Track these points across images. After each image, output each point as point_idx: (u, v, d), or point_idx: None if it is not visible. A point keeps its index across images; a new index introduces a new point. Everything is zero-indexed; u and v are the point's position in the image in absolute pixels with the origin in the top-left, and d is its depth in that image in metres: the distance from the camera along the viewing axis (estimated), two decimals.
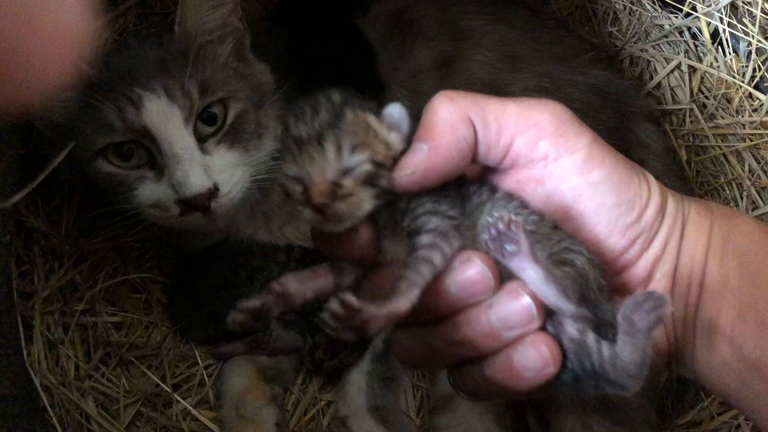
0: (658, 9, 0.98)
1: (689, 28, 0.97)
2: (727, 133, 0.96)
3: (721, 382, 0.49)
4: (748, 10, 0.89)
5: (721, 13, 0.91)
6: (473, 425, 0.84)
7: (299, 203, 0.45)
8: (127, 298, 0.92)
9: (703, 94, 0.98)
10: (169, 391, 0.87)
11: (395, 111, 0.48)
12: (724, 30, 0.92)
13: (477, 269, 0.46)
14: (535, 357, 0.46)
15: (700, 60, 0.98)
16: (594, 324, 0.46)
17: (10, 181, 0.69)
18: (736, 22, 0.91)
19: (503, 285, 0.47)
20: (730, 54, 0.93)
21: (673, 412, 0.85)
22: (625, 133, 0.90)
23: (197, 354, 0.92)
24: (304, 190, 0.45)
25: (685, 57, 0.99)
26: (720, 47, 0.94)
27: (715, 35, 0.94)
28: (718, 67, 0.95)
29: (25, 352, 0.76)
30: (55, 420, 0.76)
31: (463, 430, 0.84)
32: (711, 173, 0.98)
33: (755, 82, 0.92)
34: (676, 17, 0.97)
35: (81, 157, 0.73)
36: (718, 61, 0.95)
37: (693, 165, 0.99)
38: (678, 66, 1.00)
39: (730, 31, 0.92)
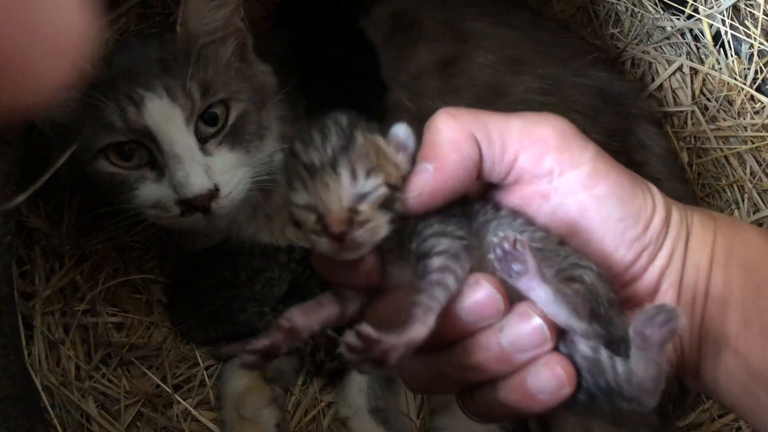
0: (660, 11, 0.98)
1: (691, 30, 0.97)
2: (729, 135, 0.96)
3: (726, 392, 0.49)
4: (751, 12, 0.89)
5: (723, 15, 0.91)
6: (473, 427, 0.84)
7: (314, 233, 0.43)
8: (127, 298, 0.92)
9: (704, 96, 0.98)
10: (170, 391, 0.87)
11: (401, 131, 0.47)
12: (726, 32, 0.92)
13: (486, 292, 0.45)
14: (549, 379, 0.44)
15: (702, 62, 0.97)
16: (606, 340, 0.45)
17: (11, 181, 0.69)
18: (738, 24, 0.91)
19: (513, 306, 0.46)
20: (732, 56, 0.93)
21: (674, 415, 0.85)
22: (627, 135, 0.90)
23: (198, 355, 0.92)
24: (318, 218, 0.43)
25: (686, 59, 0.98)
26: (722, 49, 0.94)
27: (717, 37, 0.94)
28: (720, 69, 0.95)
29: (25, 353, 0.76)
30: (55, 420, 0.76)
31: (463, 431, 0.84)
32: (712, 175, 0.98)
33: (757, 84, 0.92)
34: (678, 19, 0.97)
35: (82, 156, 0.73)
36: (720, 63, 0.95)
37: (694, 167, 0.99)
38: (680, 68, 0.99)
39: (732, 33, 0.92)
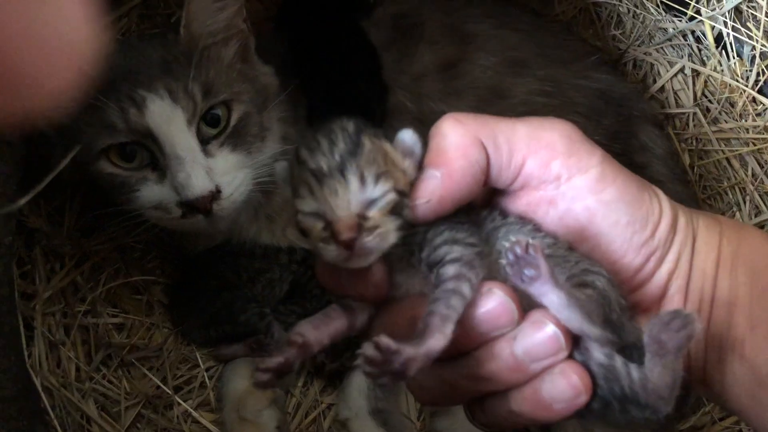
0: (662, 12, 0.98)
1: (693, 32, 0.97)
2: (731, 137, 0.96)
3: (731, 397, 0.49)
4: (753, 14, 0.89)
5: (726, 17, 0.91)
6: (473, 429, 0.84)
7: (321, 241, 0.43)
8: (128, 299, 0.92)
9: (706, 98, 0.98)
10: (170, 393, 0.87)
11: (408, 137, 0.46)
12: (728, 34, 0.92)
13: (499, 301, 0.44)
14: (565, 387, 0.44)
15: (704, 64, 0.97)
16: (618, 346, 0.44)
17: (12, 182, 0.68)
18: (740, 26, 0.91)
19: (526, 315, 0.45)
20: (734, 58, 0.93)
21: (676, 417, 0.84)
22: (628, 136, 0.90)
23: (198, 356, 0.92)
24: (326, 226, 0.42)
25: (688, 61, 0.98)
26: (724, 51, 0.94)
27: (719, 39, 0.94)
28: (722, 71, 0.95)
29: (26, 353, 0.76)
30: (55, 421, 0.76)
31: None
32: (714, 177, 0.98)
33: (759, 86, 0.92)
34: (680, 21, 0.96)
35: (83, 157, 0.72)
36: (721, 65, 0.95)
37: (696, 169, 0.99)
38: (681, 70, 0.99)
39: (734, 35, 0.91)
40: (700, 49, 0.97)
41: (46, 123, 0.71)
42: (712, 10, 0.92)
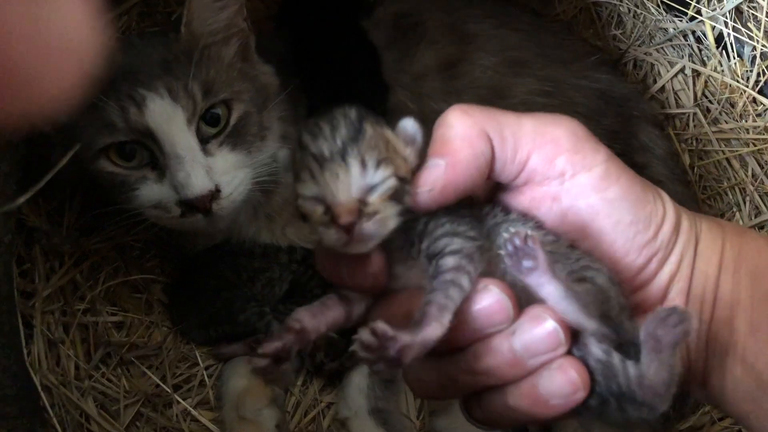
0: (663, 12, 0.98)
1: (693, 32, 0.97)
2: (731, 137, 0.96)
3: (732, 401, 0.49)
4: (753, 14, 0.89)
5: (726, 17, 0.91)
6: (473, 428, 0.84)
7: (321, 224, 0.43)
8: (127, 298, 0.92)
9: (706, 98, 0.98)
10: (170, 391, 0.87)
11: (409, 125, 0.47)
12: (729, 34, 0.92)
13: (495, 298, 0.44)
14: (563, 383, 0.44)
15: (704, 64, 0.97)
16: (616, 343, 0.44)
17: (12, 180, 0.68)
18: (740, 26, 0.91)
19: (524, 311, 0.45)
20: (735, 58, 0.93)
21: (675, 417, 0.85)
22: (629, 137, 0.90)
23: (198, 354, 0.92)
24: (327, 210, 0.43)
25: (689, 61, 0.98)
26: (724, 51, 0.94)
27: (719, 39, 0.94)
28: (722, 71, 0.95)
29: (25, 352, 0.76)
30: (55, 420, 0.76)
31: None
32: (714, 178, 0.98)
33: (759, 86, 0.92)
34: (681, 21, 0.96)
35: (83, 156, 0.72)
36: (722, 66, 0.95)
37: (696, 169, 0.99)
38: (682, 70, 0.99)
39: (734, 36, 0.91)
40: (700, 50, 0.97)
41: (48, 123, 0.71)
42: (712, 11, 0.92)
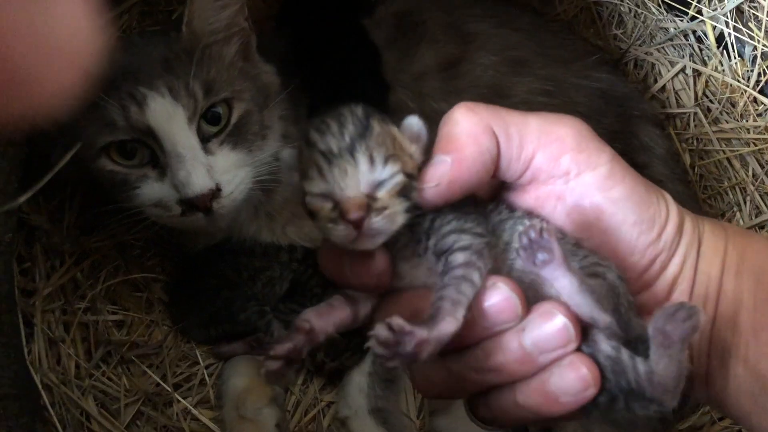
0: (664, 12, 0.98)
1: (694, 32, 0.97)
2: (731, 137, 0.96)
3: (734, 403, 0.48)
4: (754, 14, 0.89)
5: (727, 17, 0.91)
6: (473, 427, 0.84)
7: (329, 221, 0.43)
8: (128, 296, 0.92)
9: (707, 97, 0.98)
10: (170, 390, 0.87)
11: (415, 123, 0.47)
12: (730, 34, 0.92)
13: (504, 296, 0.44)
14: (574, 380, 0.43)
15: (705, 64, 0.97)
16: (624, 340, 0.44)
17: (14, 179, 0.68)
18: (741, 26, 0.91)
19: (533, 308, 0.45)
20: (735, 58, 0.93)
21: (675, 417, 0.85)
22: (629, 136, 0.90)
23: (198, 353, 0.92)
24: (335, 206, 0.43)
25: (689, 60, 0.98)
26: (725, 51, 0.94)
27: (720, 39, 0.94)
28: (723, 71, 0.95)
29: (26, 350, 0.76)
30: (55, 418, 0.76)
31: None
32: (714, 177, 0.98)
33: (760, 86, 0.92)
34: (682, 20, 0.96)
35: (84, 154, 0.72)
36: (723, 65, 0.95)
37: (696, 169, 0.99)
38: (683, 69, 0.99)
39: (735, 35, 0.91)
40: (701, 49, 0.97)
41: (48, 122, 0.71)
42: (713, 10, 0.92)
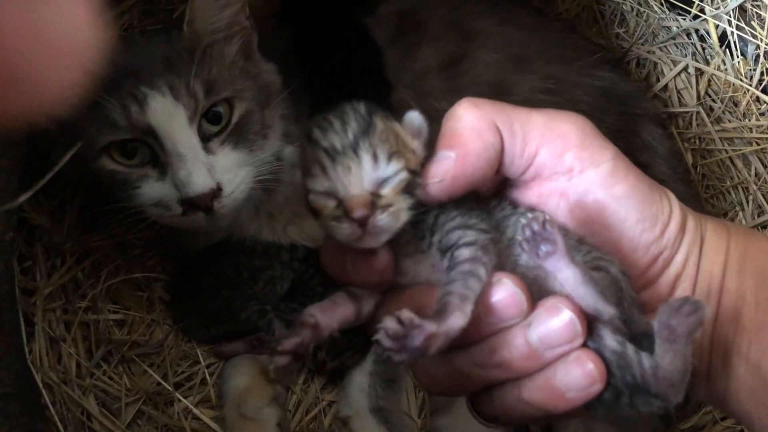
0: (666, 11, 0.98)
1: (697, 31, 0.97)
2: (734, 136, 0.96)
3: (735, 402, 0.48)
4: (757, 13, 0.89)
5: (730, 16, 0.91)
6: (474, 427, 0.84)
7: (333, 219, 0.43)
8: (129, 296, 0.92)
9: (710, 97, 0.98)
10: (171, 389, 0.87)
11: (415, 117, 0.47)
12: (733, 33, 0.91)
13: (509, 292, 0.44)
14: (580, 375, 0.43)
15: (708, 63, 0.97)
16: (627, 336, 0.44)
17: (15, 178, 0.68)
18: (744, 25, 0.90)
19: (538, 303, 0.44)
20: (738, 57, 0.93)
21: (677, 417, 0.84)
22: (631, 135, 0.90)
23: (199, 352, 0.92)
24: (339, 204, 0.43)
25: (692, 59, 0.98)
26: (728, 50, 0.94)
27: (723, 38, 0.94)
28: (726, 70, 0.95)
29: (26, 350, 0.76)
30: (56, 417, 0.76)
31: (465, 431, 0.84)
32: (717, 177, 0.98)
33: (763, 85, 0.92)
34: (684, 19, 0.96)
35: (84, 154, 0.72)
36: (725, 64, 0.95)
37: (699, 168, 0.99)
38: (685, 68, 0.99)
39: (738, 34, 0.91)
40: (703, 48, 0.97)
41: (49, 120, 0.71)
42: (716, 9, 0.92)
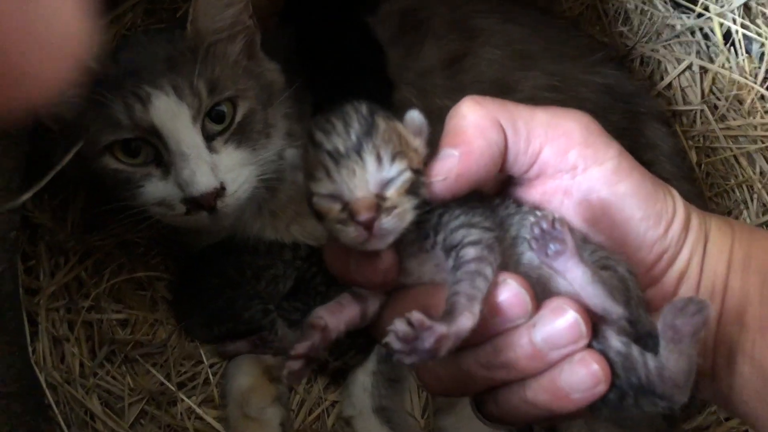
0: (670, 9, 0.97)
1: (701, 29, 0.96)
2: (738, 134, 0.95)
3: (739, 401, 0.48)
4: (762, 11, 0.88)
5: (734, 14, 0.91)
6: (478, 427, 0.83)
7: (338, 222, 0.43)
8: (132, 295, 0.92)
9: (714, 95, 0.98)
10: (174, 389, 0.87)
11: (416, 116, 0.47)
12: (737, 31, 0.91)
13: (513, 292, 0.43)
14: (585, 376, 0.43)
15: (712, 61, 0.97)
16: (633, 336, 0.43)
17: (17, 177, 0.68)
18: (749, 23, 0.90)
19: (543, 304, 0.44)
20: (743, 55, 0.92)
21: (681, 417, 0.84)
22: (635, 133, 0.90)
23: (202, 352, 0.92)
24: (344, 207, 0.42)
25: (696, 57, 0.98)
26: (732, 48, 0.93)
27: (727, 36, 0.93)
28: (730, 68, 0.94)
29: (30, 349, 0.76)
30: (59, 417, 0.76)
31: (468, 431, 0.84)
32: (721, 175, 0.98)
33: (767, 83, 0.91)
34: (688, 17, 0.96)
35: (87, 153, 0.72)
36: (730, 62, 0.94)
37: (703, 167, 0.98)
38: (689, 66, 0.99)
39: (743, 32, 0.91)
40: (708, 46, 0.97)
41: (45, 114, 0.71)
42: (720, 7, 0.92)
